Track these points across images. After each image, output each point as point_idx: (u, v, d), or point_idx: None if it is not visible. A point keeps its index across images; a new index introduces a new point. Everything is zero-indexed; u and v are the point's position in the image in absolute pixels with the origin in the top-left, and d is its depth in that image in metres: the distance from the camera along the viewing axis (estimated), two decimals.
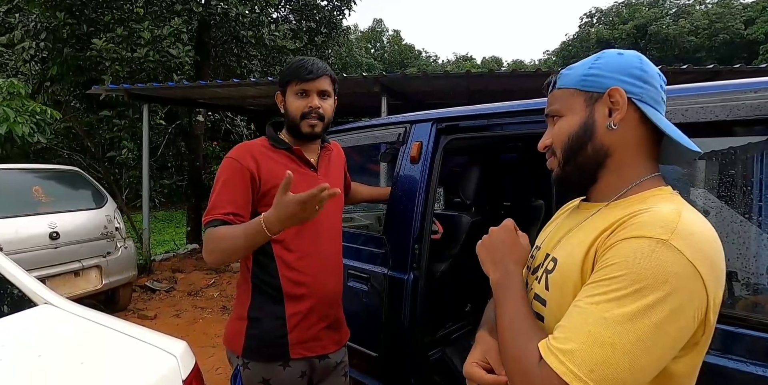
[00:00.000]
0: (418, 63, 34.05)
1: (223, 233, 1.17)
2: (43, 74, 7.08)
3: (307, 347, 1.28)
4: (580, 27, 32.55)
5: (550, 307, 0.69)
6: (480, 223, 2.12)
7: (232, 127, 9.44)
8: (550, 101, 0.78)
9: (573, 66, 0.77)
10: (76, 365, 1.14)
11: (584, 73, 0.73)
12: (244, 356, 1.25)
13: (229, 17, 7.17)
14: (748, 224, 1.03)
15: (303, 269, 1.27)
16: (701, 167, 1.16)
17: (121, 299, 4.14)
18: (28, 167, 3.86)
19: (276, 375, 1.23)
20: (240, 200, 1.22)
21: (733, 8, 25.01)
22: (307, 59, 1.31)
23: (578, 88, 0.73)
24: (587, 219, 0.72)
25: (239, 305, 1.31)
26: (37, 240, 3.32)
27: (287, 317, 1.25)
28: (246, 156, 1.25)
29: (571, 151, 0.73)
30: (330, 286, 1.35)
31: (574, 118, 0.73)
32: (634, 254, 0.56)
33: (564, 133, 0.74)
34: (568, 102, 0.74)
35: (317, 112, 1.30)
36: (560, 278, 0.68)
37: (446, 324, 2.16)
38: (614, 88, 0.68)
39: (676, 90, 1.09)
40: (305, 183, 1.28)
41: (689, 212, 0.62)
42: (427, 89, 5.39)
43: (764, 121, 0.96)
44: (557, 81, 0.77)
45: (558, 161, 0.75)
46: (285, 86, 1.33)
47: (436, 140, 1.78)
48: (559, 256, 0.71)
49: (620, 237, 0.59)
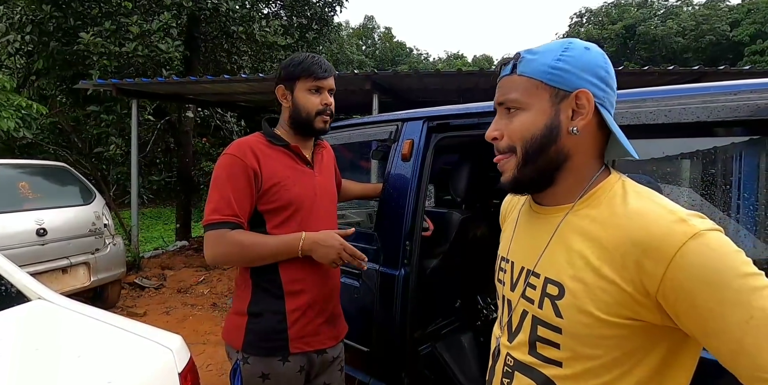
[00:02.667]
0: (409, 60, 34.04)
1: (246, 239, 1.19)
2: (28, 68, 6.94)
3: (306, 342, 1.29)
4: (570, 26, 32.79)
5: (570, 333, 0.65)
6: (470, 220, 2.15)
7: (222, 123, 9.36)
8: (506, 88, 0.71)
9: (537, 50, 0.69)
10: (74, 358, 1.15)
11: (551, 65, 0.66)
12: (243, 350, 1.25)
13: (219, 12, 7.10)
14: (728, 220, 1.07)
15: (302, 266, 1.28)
16: (685, 166, 1.20)
17: (109, 296, 4.11)
18: (14, 163, 3.80)
19: (275, 369, 1.24)
20: (245, 201, 1.22)
21: (719, 10, 25.39)
22: (317, 57, 1.33)
23: (544, 81, 0.67)
24: (560, 229, 0.69)
25: (239, 301, 1.31)
26: (24, 236, 3.28)
27: (287, 313, 1.26)
28: (248, 153, 1.25)
29: (534, 153, 0.68)
30: (328, 282, 1.36)
31: (539, 116, 0.67)
32: (701, 266, 0.54)
33: (528, 132, 0.68)
34: (532, 95, 0.68)
35: (330, 110, 1.34)
36: (576, 304, 0.63)
37: (436, 320, 2.19)
38: (583, 90, 0.65)
39: (661, 91, 1.13)
40: (302, 180, 1.32)
41: (644, 191, 0.65)
42: (418, 87, 5.41)
43: (743, 122, 1.00)
44: (518, 65, 0.69)
45: (516, 162, 0.70)
46: (293, 81, 1.32)
47: (427, 138, 1.80)
48: (561, 280, 0.66)
49: (660, 269, 0.56)
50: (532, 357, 0.70)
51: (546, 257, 0.70)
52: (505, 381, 0.76)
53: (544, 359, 0.68)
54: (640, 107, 1.13)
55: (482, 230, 2.28)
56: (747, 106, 0.98)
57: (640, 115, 1.12)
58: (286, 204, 1.26)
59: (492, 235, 2.31)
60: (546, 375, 0.68)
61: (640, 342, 0.62)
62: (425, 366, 2.04)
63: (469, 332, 2.23)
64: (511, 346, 0.75)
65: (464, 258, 2.20)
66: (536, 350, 0.70)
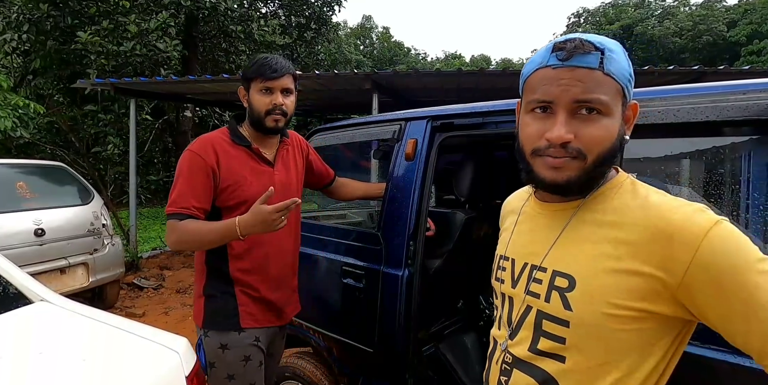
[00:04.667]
0: (407, 60, 34.02)
1: (194, 227, 1.28)
2: (25, 67, 6.91)
3: (256, 320, 1.42)
4: (568, 26, 32.87)
5: (579, 325, 0.64)
6: (474, 220, 2.14)
7: (220, 122, 9.34)
8: (593, 85, 0.61)
9: (614, 49, 0.62)
10: (78, 362, 1.13)
11: (629, 71, 0.64)
12: (204, 326, 1.39)
13: (217, 11, 7.09)
14: (738, 220, 1.07)
15: (251, 258, 1.39)
16: (694, 166, 1.19)
17: (108, 296, 4.09)
18: (12, 162, 3.77)
19: (231, 340, 1.38)
20: (202, 195, 1.32)
21: (716, 10, 25.49)
22: (271, 58, 1.38)
23: (625, 87, 0.63)
24: (572, 224, 0.69)
25: (197, 284, 1.45)
26: (22, 237, 3.25)
27: (237, 295, 1.39)
28: (208, 151, 1.33)
29: (605, 162, 0.64)
30: (276, 272, 1.46)
31: (617, 125, 0.64)
32: (725, 251, 0.56)
33: (607, 142, 0.63)
34: (616, 101, 0.63)
35: (281, 109, 1.38)
36: (588, 294, 0.63)
37: (440, 320, 2.18)
38: (636, 104, 0.67)
39: (670, 90, 1.12)
40: (262, 179, 1.39)
41: (658, 193, 0.66)
42: (417, 87, 5.40)
43: (752, 122, 0.99)
44: (605, 62, 0.61)
45: (582, 167, 0.64)
46: (249, 82, 1.39)
47: (431, 138, 1.79)
48: (572, 272, 0.66)
49: (688, 254, 0.57)
50: (532, 353, 0.70)
51: (555, 251, 0.70)
52: (502, 379, 0.75)
53: (546, 354, 0.68)
54: (648, 107, 1.12)
55: (486, 229, 2.27)
56: (757, 105, 0.97)
57: (648, 114, 1.11)
58: (241, 202, 1.34)
59: (495, 235, 2.30)
60: (546, 371, 0.68)
61: (646, 338, 0.62)
62: (429, 367, 2.04)
63: (471, 333, 2.22)
64: (511, 343, 0.74)
65: (468, 258, 2.19)
66: (538, 346, 0.69)
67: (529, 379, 0.70)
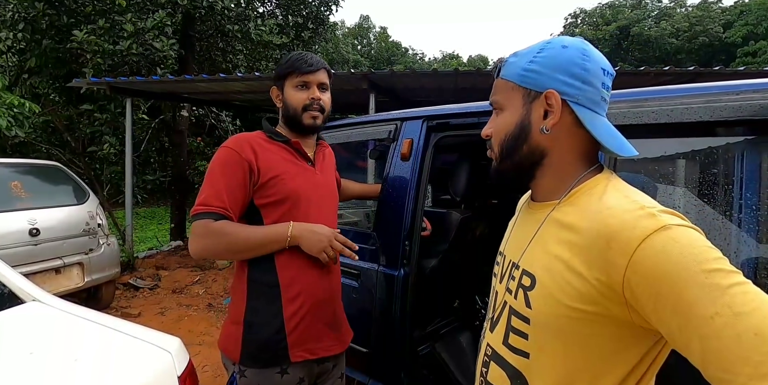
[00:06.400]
0: (404, 60, 34.00)
1: (233, 230, 1.14)
2: (20, 66, 6.86)
3: (308, 350, 1.23)
4: (565, 27, 32.92)
5: (537, 323, 0.66)
6: (470, 220, 2.15)
7: (217, 122, 9.30)
8: (494, 90, 0.77)
9: (519, 53, 0.74)
10: (71, 362, 1.12)
11: (524, 67, 0.71)
12: (241, 363, 1.19)
13: (214, 10, 7.05)
14: (728, 222, 1.07)
15: (299, 267, 1.23)
16: (687, 166, 1.19)
17: (104, 296, 4.07)
18: (6, 162, 3.74)
19: (273, 383, 1.18)
20: (238, 194, 1.18)
21: (712, 11, 25.56)
22: (304, 53, 1.31)
23: (517, 83, 0.71)
24: (544, 224, 0.70)
25: (235, 307, 1.24)
26: (17, 236, 3.24)
27: (285, 318, 1.20)
28: (245, 147, 1.22)
29: (508, 149, 0.73)
30: (328, 283, 1.31)
31: (512, 116, 0.73)
32: (665, 259, 0.52)
33: (501, 131, 0.74)
34: (508, 96, 0.74)
35: (319, 104, 1.30)
36: (544, 294, 0.65)
37: (435, 320, 2.19)
38: (550, 91, 0.67)
39: (664, 91, 1.13)
40: (303, 176, 1.28)
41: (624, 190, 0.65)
42: (415, 86, 5.40)
43: (745, 122, 1.00)
44: (501, 69, 0.76)
45: (495, 156, 0.77)
46: (283, 80, 1.31)
47: (426, 138, 1.80)
48: (534, 271, 0.68)
49: (623, 259, 0.55)
50: (504, 347, 0.72)
51: (528, 250, 0.72)
52: (483, 371, 0.79)
53: (514, 349, 0.70)
54: (642, 107, 1.13)
55: (481, 229, 2.27)
56: (750, 105, 0.98)
57: (642, 114, 1.12)
58: (283, 197, 1.22)
59: (491, 235, 2.31)
60: (514, 366, 0.70)
61: (610, 345, 0.61)
62: (424, 366, 2.04)
63: (467, 332, 2.22)
64: (490, 336, 0.78)
65: (463, 258, 2.19)
66: (509, 341, 0.72)
67: (501, 372, 0.72)
